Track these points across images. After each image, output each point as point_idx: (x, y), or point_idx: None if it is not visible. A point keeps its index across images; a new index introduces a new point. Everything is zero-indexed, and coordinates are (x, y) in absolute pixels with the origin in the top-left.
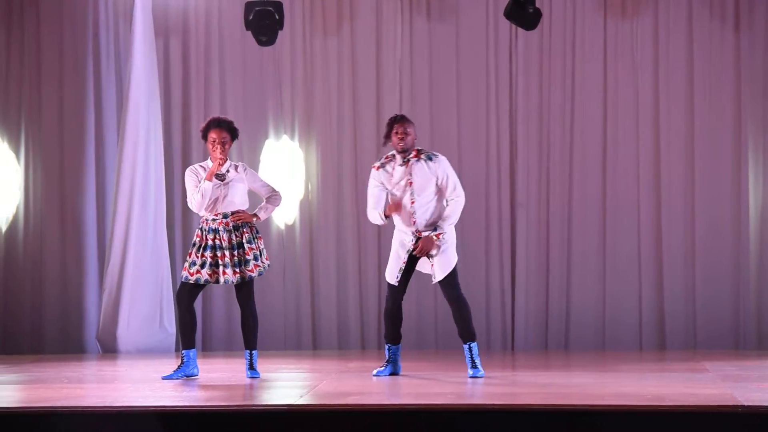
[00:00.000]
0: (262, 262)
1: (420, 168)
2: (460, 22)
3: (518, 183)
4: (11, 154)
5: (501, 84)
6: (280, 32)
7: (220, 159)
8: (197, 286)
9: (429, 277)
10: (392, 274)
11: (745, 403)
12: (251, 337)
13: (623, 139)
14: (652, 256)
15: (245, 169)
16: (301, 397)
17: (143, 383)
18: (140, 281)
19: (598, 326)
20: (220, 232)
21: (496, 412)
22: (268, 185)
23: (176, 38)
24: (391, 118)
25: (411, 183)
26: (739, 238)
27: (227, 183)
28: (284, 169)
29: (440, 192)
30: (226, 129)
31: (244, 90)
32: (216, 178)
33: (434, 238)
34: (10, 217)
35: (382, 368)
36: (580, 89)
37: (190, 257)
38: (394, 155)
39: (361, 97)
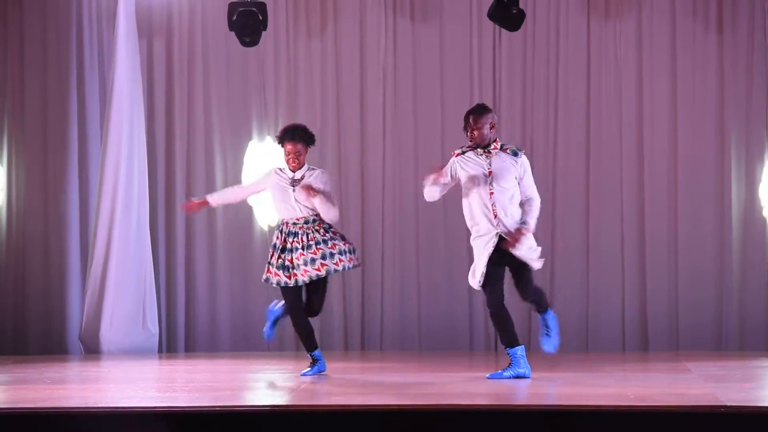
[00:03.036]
0: (334, 263)
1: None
2: (444, 23)
3: None
4: None
5: (484, 85)
6: (263, 33)
7: (293, 167)
8: (297, 288)
9: (414, 277)
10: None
11: (728, 403)
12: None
13: (606, 140)
14: (635, 257)
15: (319, 173)
16: (284, 397)
17: (126, 384)
18: (123, 282)
19: (581, 327)
20: (299, 235)
21: (478, 412)
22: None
23: (159, 39)
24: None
25: (491, 173)
26: (721, 240)
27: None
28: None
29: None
30: (301, 140)
31: (227, 91)
32: (291, 183)
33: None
34: None
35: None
36: (564, 90)
37: (270, 258)
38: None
39: (345, 97)
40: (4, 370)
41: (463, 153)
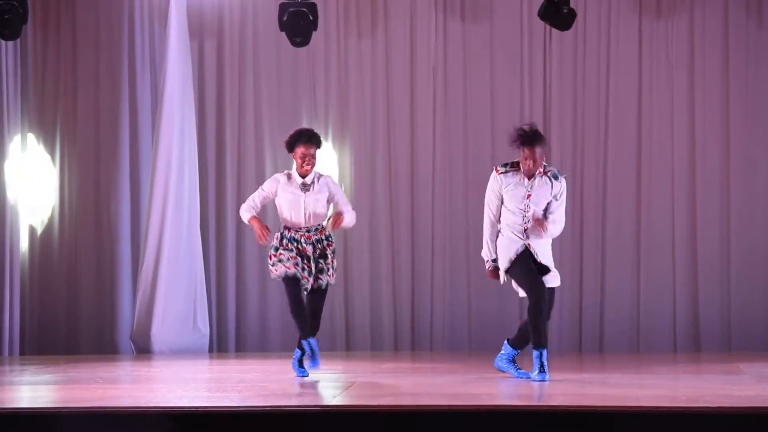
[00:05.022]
0: (328, 275)
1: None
2: (494, 23)
3: None
4: (47, 156)
5: (535, 84)
6: (314, 33)
7: (306, 170)
8: (297, 280)
9: (464, 277)
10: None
11: None
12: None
13: (658, 140)
14: (687, 258)
15: (328, 180)
16: (335, 397)
17: (177, 384)
18: (174, 282)
19: (633, 328)
20: (302, 243)
21: (529, 413)
22: (346, 201)
23: (211, 40)
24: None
25: (529, 196)
26: None
27: (311, 195)
28: (317, 171)
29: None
30: (316, 143)
31: (278, 91)
32: (301, 189)
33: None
34: (46, 219)
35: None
36: (615, 89)
37: (271, 258)
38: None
39: (395, 98)
40: (57, 370)
41: (505, 173)
